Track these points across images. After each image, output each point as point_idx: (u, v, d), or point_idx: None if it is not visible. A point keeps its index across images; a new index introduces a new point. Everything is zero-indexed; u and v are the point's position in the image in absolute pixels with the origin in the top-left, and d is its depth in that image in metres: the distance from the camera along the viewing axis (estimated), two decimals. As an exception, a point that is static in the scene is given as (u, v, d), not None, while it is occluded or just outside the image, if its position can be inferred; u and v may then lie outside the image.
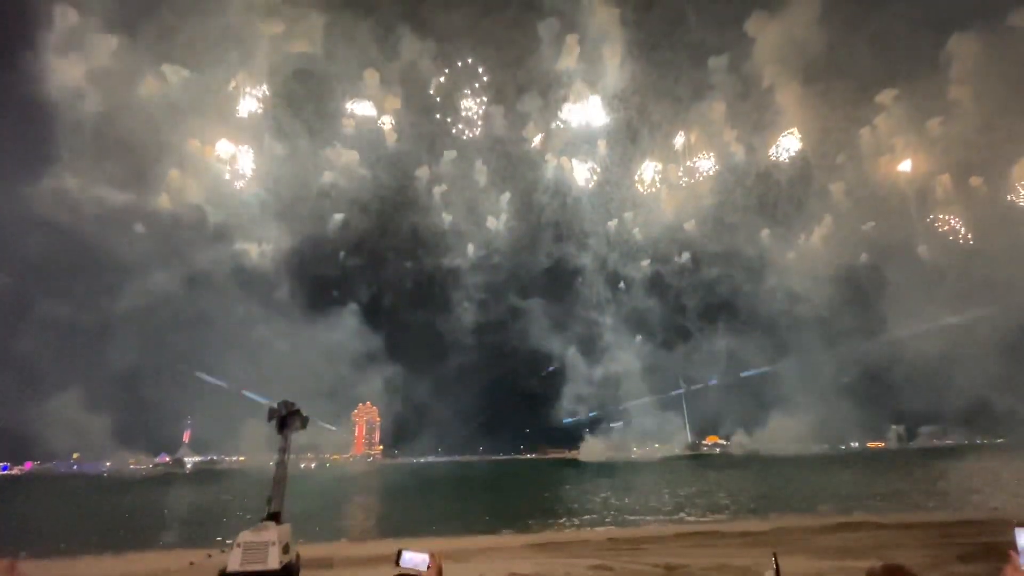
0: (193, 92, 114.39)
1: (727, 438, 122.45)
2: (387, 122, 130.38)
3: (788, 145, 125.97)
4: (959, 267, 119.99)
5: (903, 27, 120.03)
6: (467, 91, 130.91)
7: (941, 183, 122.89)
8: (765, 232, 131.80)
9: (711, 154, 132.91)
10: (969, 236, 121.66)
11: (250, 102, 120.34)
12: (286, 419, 9.55)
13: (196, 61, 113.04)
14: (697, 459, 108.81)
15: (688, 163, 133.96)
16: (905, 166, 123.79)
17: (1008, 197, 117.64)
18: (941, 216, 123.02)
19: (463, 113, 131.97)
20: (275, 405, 9.50)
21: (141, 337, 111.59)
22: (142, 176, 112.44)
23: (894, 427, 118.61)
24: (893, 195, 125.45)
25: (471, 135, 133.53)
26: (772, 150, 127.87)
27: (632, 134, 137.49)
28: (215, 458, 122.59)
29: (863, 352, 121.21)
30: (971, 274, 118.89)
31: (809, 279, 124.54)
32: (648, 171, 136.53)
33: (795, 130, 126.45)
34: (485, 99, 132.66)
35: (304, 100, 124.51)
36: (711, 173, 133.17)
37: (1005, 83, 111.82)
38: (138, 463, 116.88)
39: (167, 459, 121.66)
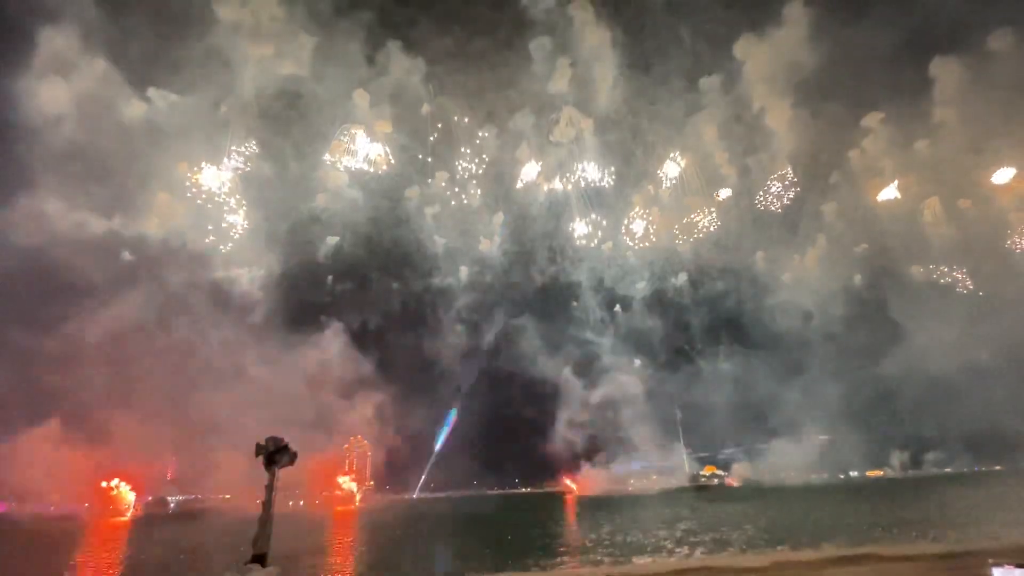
0: (179, 116, 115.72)
1: (727, 468, 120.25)
2: (378, 147, 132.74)
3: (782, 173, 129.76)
4: (957, 294, 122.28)
5: (887, 50, 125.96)
6: (458, 114, 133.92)
7: (930, 206, 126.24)
8: (760, 255, 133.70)
9: (704, 176, 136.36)
10: (964, 271, 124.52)
11: (238, 126, 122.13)
12: (274, 455, 9.26)
13: (182, 84, 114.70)
14: (697, 491, 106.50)
15: (681, 185, 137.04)
16: (892, 189, 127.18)
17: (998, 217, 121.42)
18: (932, 236, 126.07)
19: (455, 134, 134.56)
20: (263, 441, 9.24)
21: (116, 366, 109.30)
22: (124, 201, 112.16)
23: (898, 453, 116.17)
24: (884, 217, 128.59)
25: (465, 159, 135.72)
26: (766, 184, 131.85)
27: (626, 156, 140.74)
28: (199, 497, 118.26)
29: (867, 375, 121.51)
30: (970, 299, 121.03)
31: (807, 300, 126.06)
32: (642, 192, 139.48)
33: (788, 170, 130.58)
34: (477, 119, 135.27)
35: (292, 122, 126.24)
36: (708, 195, 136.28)
37: (987, 105, 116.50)
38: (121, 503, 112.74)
39: (149, 498, 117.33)
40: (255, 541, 8.35)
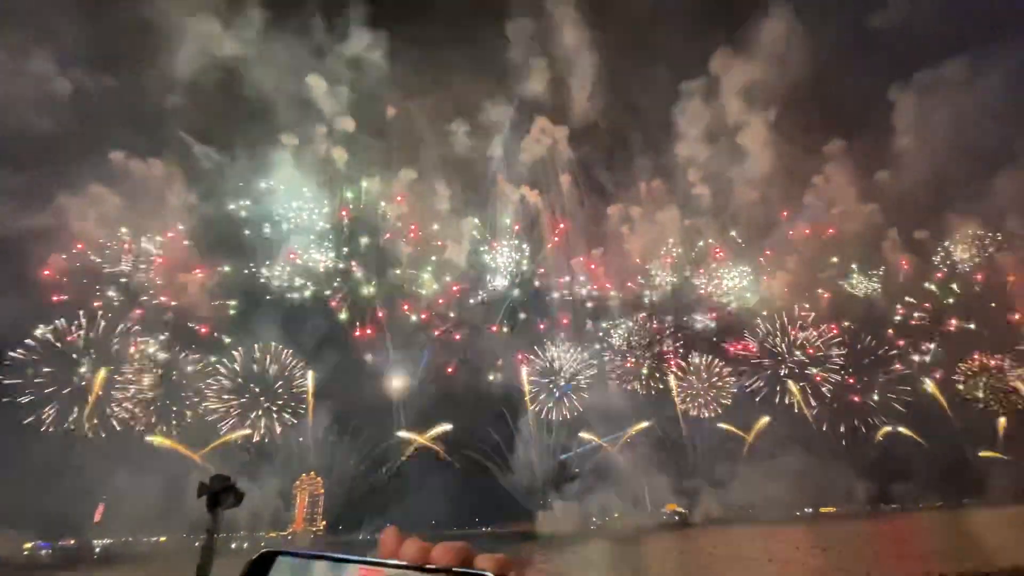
0: (109, 100, 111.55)
1: (688, 507, 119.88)
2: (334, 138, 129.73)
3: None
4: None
5: (848, 75, 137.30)
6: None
7: (889, 236, 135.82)
8: (732, 275, 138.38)
9: (675, 195, 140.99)
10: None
11: (179, 114, 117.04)
12: (218, 495, 8.46)
13: (111, 65, 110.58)
14: (663, 528, 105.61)
15: (651, 203, 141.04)
16: (854, 218, 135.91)
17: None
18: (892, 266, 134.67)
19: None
20: (206, 480, 8.48)
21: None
22: (44, 195, 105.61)
23: (864, 485, 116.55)
24: (848, 245, 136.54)
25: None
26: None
27: (599, 168, 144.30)
28: (130, 540, 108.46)
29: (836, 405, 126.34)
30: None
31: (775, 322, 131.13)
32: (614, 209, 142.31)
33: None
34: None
35: (238, 111, 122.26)
36: (677, 215, 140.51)
37: (944, 137, 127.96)
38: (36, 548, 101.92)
39: (71, 541, 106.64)
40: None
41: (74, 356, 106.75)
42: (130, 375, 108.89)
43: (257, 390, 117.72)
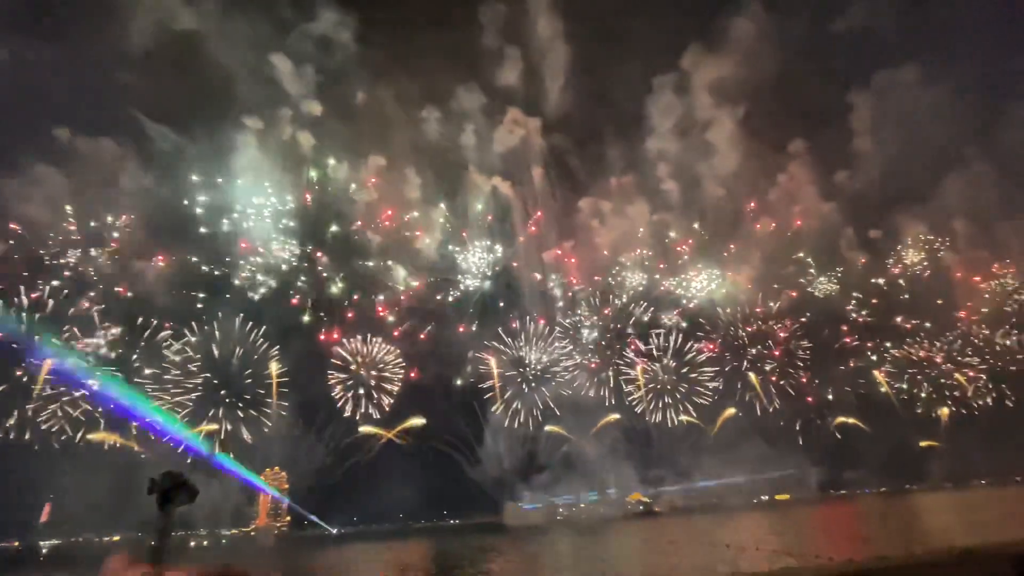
0: (52, 72, 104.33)
1: (653, 497, 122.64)
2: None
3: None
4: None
5: (810, 77, 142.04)
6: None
7: (846, 235, 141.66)
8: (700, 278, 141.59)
9: (644, 190, 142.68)
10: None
11: (132, 90, 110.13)
12: (170, 493, 8.01)
13: (53, 34, 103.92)
14: (628, 519, 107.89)
15: (622, 196, 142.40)
16: (813, 217, 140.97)
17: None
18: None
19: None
20: (156, 476, 7.99)
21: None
22: None
23: (816, 472, 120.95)
24: (808, 241, 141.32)
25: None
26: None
27: (571, 160, 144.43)
28: (80, 540, 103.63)
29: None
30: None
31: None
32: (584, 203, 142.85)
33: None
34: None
35: (197, 89, 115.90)
36: (646, 209, 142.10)
37: (897, 140, 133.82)
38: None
39: (15, 543, 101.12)
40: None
41: (14, 347, 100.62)
42: (75, 371, 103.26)
43: (216, 383, 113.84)
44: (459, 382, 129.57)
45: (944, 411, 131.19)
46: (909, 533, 42.40)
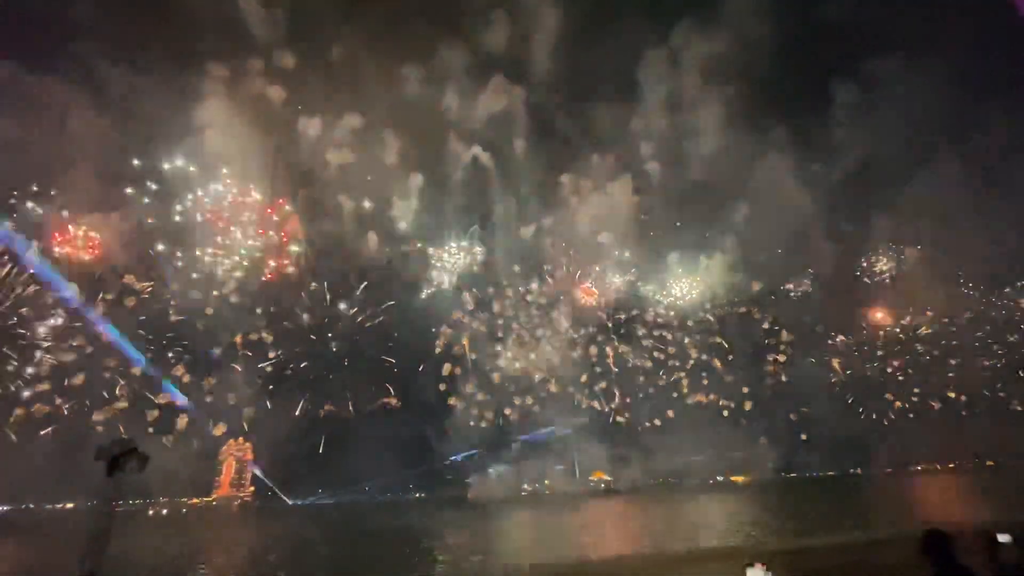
0: None
1: (615, 476, 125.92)
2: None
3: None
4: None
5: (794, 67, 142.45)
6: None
7: (817, 227, 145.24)
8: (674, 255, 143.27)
9: (627, 168, 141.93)
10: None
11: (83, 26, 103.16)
12: (118, 459, 7.45)
13: None
14: (590, 495, 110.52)
15: (604, 174, 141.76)
16: (787, 209, 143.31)
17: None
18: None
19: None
20: (105, 444, 7.38)
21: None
22: None
23: (771, 456, 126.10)
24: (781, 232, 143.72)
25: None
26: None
27: (554, 132, 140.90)
28: (30, 507, 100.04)
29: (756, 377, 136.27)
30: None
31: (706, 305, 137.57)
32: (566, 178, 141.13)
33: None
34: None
35: (156, 29, 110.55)
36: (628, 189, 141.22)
37: (875, 133, 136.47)
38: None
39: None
40: (82, 560, 6.63)
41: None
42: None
43: (179, 347, 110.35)
44: (430, 355, 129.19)
45: (894, 401, 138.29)
46: (862, 516, 44.74)
